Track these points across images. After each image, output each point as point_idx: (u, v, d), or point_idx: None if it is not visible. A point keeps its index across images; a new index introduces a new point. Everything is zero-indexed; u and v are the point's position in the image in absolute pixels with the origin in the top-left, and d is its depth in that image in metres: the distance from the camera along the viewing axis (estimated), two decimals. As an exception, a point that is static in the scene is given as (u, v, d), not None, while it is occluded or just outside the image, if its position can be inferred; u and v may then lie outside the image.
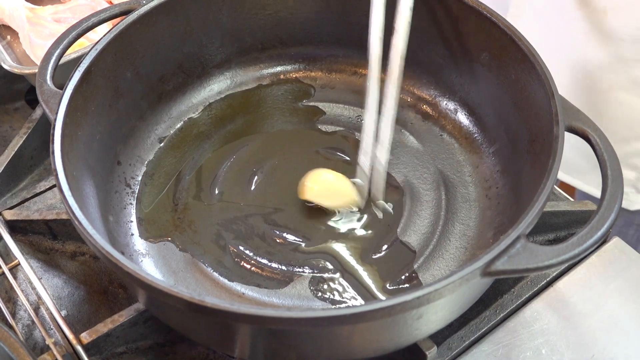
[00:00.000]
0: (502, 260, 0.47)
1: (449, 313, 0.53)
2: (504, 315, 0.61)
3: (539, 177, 0.52)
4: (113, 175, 0.66)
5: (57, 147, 0.55)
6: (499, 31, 0.63)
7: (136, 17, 0.66)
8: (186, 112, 0.74)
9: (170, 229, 0.65)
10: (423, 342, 0.55)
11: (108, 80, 0.65)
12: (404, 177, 0.68)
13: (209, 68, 0.76)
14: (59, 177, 0.53)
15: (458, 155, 0.70)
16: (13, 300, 0.64)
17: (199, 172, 0.69)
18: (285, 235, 0.64)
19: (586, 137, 0.54)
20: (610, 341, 0.59)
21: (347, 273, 0.61)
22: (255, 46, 0.77)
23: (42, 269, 0.66)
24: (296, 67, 0.79)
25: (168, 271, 0.62)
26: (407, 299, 0.44)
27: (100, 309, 0.63)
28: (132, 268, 0.46)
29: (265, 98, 0.77)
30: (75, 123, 0.59)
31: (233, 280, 0.61)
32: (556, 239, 0.66)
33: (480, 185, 0.67)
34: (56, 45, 0.63)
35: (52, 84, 0.60)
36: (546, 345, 0.59)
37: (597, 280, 0.63)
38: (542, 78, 0.58)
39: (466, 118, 0.71)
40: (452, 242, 0.63)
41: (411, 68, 0.74)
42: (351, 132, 0.73)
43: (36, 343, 0.61)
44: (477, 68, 0.68)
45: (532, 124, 0.60)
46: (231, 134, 0.73)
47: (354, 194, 0.65)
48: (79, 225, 0.50)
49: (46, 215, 0.66)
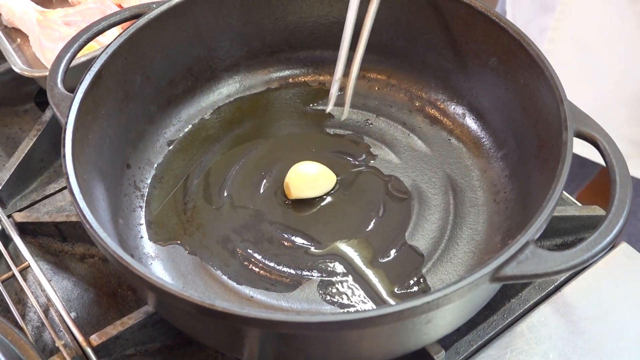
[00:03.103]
0: (511, 265, 0.47)
1: (458, 318, 0.53)
2: (511, 319, 0.61)
3: (548, 182, 0.52)
4: (122, 178, 0.67)
5: (68, 150, 0.55)
6: (508, 36, 0.63)
7: (146, 21, 0.66)
8: (195, 115, 0.75)
9: (179, 232, 0.65)
10: (431, 347, 0.55)
11: (118, 83, 0.65)
12: (412, 181, 0.68)
13: (218, 72, 0.76)
14: (70, 180, 0.53)
15: (466, 160, 0.70)
16: (23, 302, 0.64)
17: (207, 176, 0.70)
18: (294, 239, 0.64)
19: (594, 142, 0.54)
20: (618, 346, 0.59)
21: (355, 277, 0.61)
22: (264, 50, 0.77)
23: (51, 271, 0.67)
24: (304, 70, 0.79)
25: (177, 274, 0.62)
26: (416, 304, 0.44)
27: (109, 311, 0.63)
28: (142, 271, 0.47)
29: (274, 101, 0.77)
30: (85, 126, 0.59)
31: (241, 284, 0.61)
32: (564, 244, 0.66)
33: (489, 190, 0.67)
34: (67, 48, 0.64)
35: (62, 88, 0.61)
36: (554, 350, 0.59)
37: (605, 286, 0.63)
38: (550, 83, 0.58)
39: (474, 123, 0.71)
40: (461, 246, 0.63)
41: (419, 72, 0.75)
42: (359, 136, 0.73)
43: (46, 345, 0.61)
44: (486, 73, 0.68)
45: (540, 129, 0.60)
46: (240, 138, 0.73)
47: (331, 173, 0.67)
48: (89, 228, 0.50)
49: (56, 218, 0.67)
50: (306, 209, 0.67)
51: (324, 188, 0.67)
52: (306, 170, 0.67)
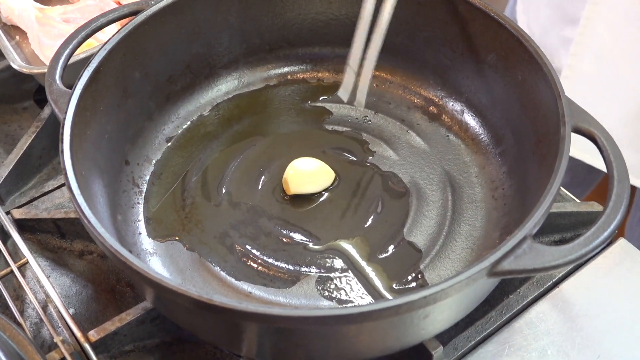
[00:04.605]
0: (509, 260, 0.47)
1: (455, 313, 0.53)
2: (509, 315, 0.61)
3: (546, 178, 0.52)
4: (121, 174, 0.67)
5: (66, 146, 0.55)
6: (506, 32, 0.63)
7: (145, 18, 0.66)
8: (194, 112, 0.75)
9: (178, 229, 0.65)
10: (429, 342, 0.55)
11: (117, 80, 0.65)
12: (411, 177, 0.68)
13: (217, 68, 0.76)
14: (68, 176, 0.53)
15: (464, 156, 0.70)
16: (21, 298, 0.64)
17: (206, 172, 0.70)
18: (292, 235, 0.64)
19: (592, 138, 0.55)
20: (616, 342, 0.59)
21: (354, 273, 0.61)
22: (263, 47, 0.77)
23: (50, 267, 0.67)
24: (303, 67, 0.79)
25: (175, 270, 0.62)
26: (414, 299, 0.44)
27: (107, 307, 0.63)
28: (141, 266, 0.47)
29: (273, 98, 0.77)
30: (84, 123, 0.59)
31: (240, 280, 0.61)
32: (562, 240, 0.66)
33: (487, 186, 0.67)
34: (65, 45, 0.64)
35: (61, 84, 0.61)
36: (552, 345, 0.59)
37: (603, 281, 0.63)
38: (549, 79, 0.58)
39: (473, 119, 0.72)
40: (459, 242, 0.63)
41: (418, 69, 0.75)
42: (358, 133, 0.73)
43: (44, 341, 0.61)
44: (484, 69, 0.68)
45: (538, 125, 0.60)
46: (238, 134, 0.74)
47: (329, 169, 0.68)
48: (88, 224, 0.50)
49: (54, 214, 0.67)
50: (304, 205, 0.67)
51: (323, 184, 0.67)
52: (305, 166, 0.67)
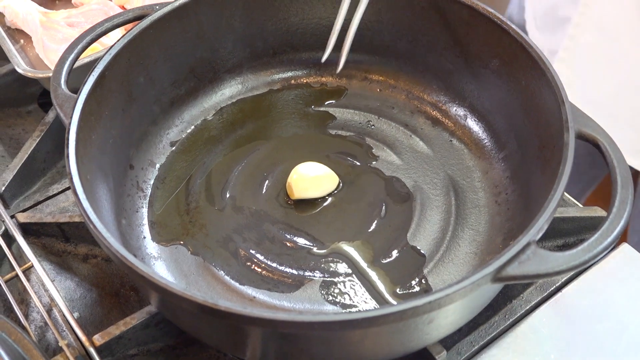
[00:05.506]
0: (513, 265, 0.47)
1: (459, 318, 0.53)
2: (513, 320, 0.61)
3: (549, 184, 0.52)
4: (126, 178, 0.67)
5: (71, 150, 0.55)
6: (510, 38, 0.63)
7: (149, 23, 0.66)
8: (198, 116, 0.75)
9: (182, 233, 0.65)
10: (433, 347, 0.55)
11: (121, 84, 0.65)
12: (414, 182, 0.69)
13: (221, 73, 0.76)
14: (73, 180, 0.53)
15: (468, 161, 0.70)
16: (26, 302, 0.64)
17: (210, 176, 0.70)
18: (296, 239, 0.64)
19: (596, 143, 0.55)
20: (619, 347, 0.59)
21: (357, 277, 0.61)
22: (267, 51, 0.77)
23: (54, 271, 0.67)
24: (307, 72, 0.79)
25: (180, 274, 0.62)
26: (418, 304, 0.44)
27: (112, 311, 0.64)
28: (145, 271, 0.47)
29: (276, 103, 0.77)
30: (89, 127, 0.59)
31: (244, 284, 0.61)
32: (565, 245, 0.66)
33: (490, 191, 0.67)
34: (70, 49, 0.64)
35: (66, 89, 0.61)
36: (555, 350, 0.59)
37: (606, 286, 0.63)
38: (552, 85, 0.58)
39: (476, 124, 0.72)
40: (462, 247, 0.63)
41: (421, 74, 0.75)
42: (361, 137, 0.73)
43: (49, 344, 0.62)
44: (487, 74, 0.68)
45: (542, 130, 0.61)
46: (242, 139, 0.74)
47: (333, 174, 0.68)
48: (93, 229, 0.50)
49: (59, 218, 0.67)
50: (308, 210, 0.67)
51: (326, 189, 0.67)
52: (308, 171, 0.67)
